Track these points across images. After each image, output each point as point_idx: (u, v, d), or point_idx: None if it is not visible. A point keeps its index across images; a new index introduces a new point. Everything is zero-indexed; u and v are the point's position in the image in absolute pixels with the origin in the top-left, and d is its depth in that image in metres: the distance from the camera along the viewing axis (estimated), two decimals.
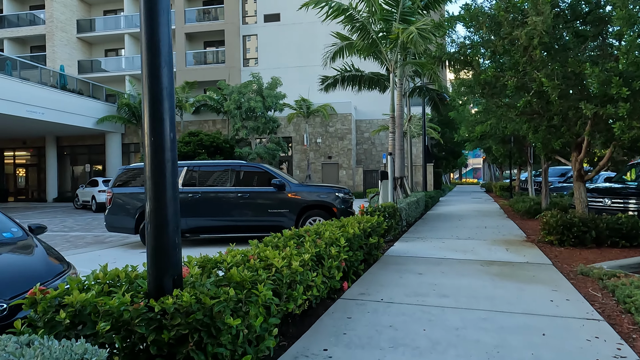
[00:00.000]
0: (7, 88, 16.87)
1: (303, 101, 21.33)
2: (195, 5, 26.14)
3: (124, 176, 8.66)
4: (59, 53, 25.19)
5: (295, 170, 23.00)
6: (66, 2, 25.81)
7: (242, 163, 8.73)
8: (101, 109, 22.34)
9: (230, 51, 25.04)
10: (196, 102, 23.03)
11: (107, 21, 26.57)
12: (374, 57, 10.41)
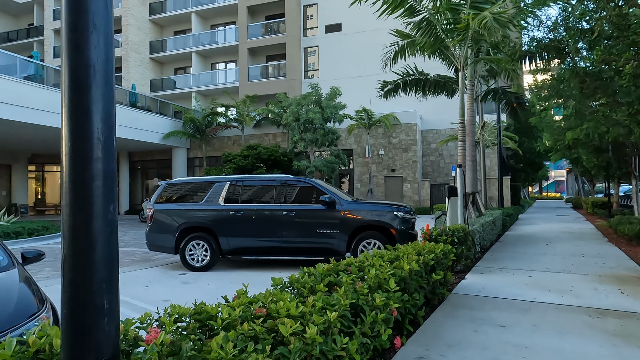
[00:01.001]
0: None
1: (364, 111, 20.30)
2: (258, 20, 26.36)
3: (165, 192, 8.16)
4: (133, 73, 26.58)
5: (356, 184, 21.92)
6: (140, 25, 27.29)
7: (287, 177, 7.86)
8: (168, 124, 23.00)
9: (291, 64, 24.80)
10: (257, 116, 22.94)
11: (176, 41, 27.68)
12: (440, 55, 9.14)
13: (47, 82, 19.41)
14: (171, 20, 28.25)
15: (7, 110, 14.78)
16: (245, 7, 25.74)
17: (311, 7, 25.62)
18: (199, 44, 26.86)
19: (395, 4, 7.21)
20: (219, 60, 27.86)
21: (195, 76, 26.93)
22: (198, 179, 8.35)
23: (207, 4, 26.80)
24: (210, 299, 5.83)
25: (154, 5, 28.14)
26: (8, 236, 12.25)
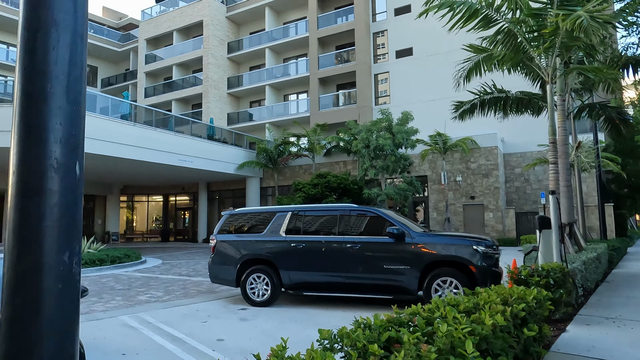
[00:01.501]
0: (164, 141, 18.94)
1: (438, 136, 19.25)
2: (329, 50, 26.74)
3: (227, 222, 8.01)
4: (212, 108, 28.17)
5: (432, 212, 20.64)
6: (219, 63, 29.06)
7: (351, 207, 7.30)
8: (242, 155, 23.77)
9: (361, 91, 24.62)
10: (327, 144, 22.86)
11: (251, 76, 28.99)
12: (522, 69, 8.17)
13: (138, 119, 21.12)
14: (247, 57, 29.73)
15: (105, 146, 16.13)
16: (316, 39, 26.29)
17: (381, 34, 25.46)
18: (272, 77, 27.82)
19: (468, 14, 6.53)
20: (291, 91, 28.57)
21: (268, 108, 27.81)
22: (260, 209, 8.12)
23: (279, 39, 27.84)
24: (265, 340, 5.37)
25: (231, 44, 29.90)
26: (93, 263, 13.01)
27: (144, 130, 18.25)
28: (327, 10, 26.83)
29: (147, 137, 18.17)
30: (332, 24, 26.06)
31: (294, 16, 28.84)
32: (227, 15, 30.01)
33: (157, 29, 31.47)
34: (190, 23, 29.63)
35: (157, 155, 18.48)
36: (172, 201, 29.85)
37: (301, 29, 27.46)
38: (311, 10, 26.69)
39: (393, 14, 25.07)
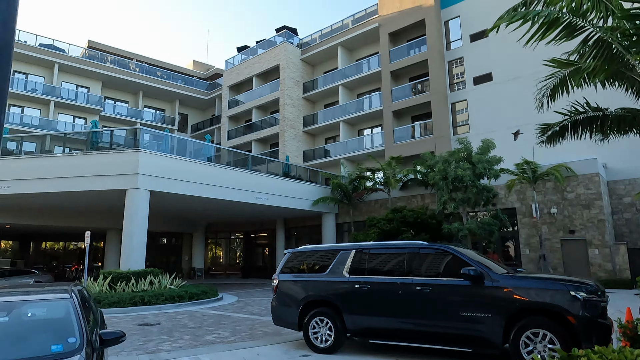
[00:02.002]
0: (242, 180, 19.64)
1: (526, 164, 17.53)
2: (402, 83, 26.36)
3: (290, 261, 7.71)
4: (289, 146, 28.97)
5: (523, 249, 18.59)
6: (295, 103, 30.08)
7: (421, 244, 6.59)
8: (317, 191, 23.82)
9: (437, 121, 23.66)
10: (403, 177, 22.07)
11: (326, 113, 29.48)
12: (619, 81, 7.02)
13: (222, 160, 22.27)
14: (321, 95, 30.44)
15: (188, 187, 17.12)
16: (389, 72, 26.13)
17: (457, 62, 24.56)
18: (346, 113, 28.00)
19: (547, 24, 5.76)
20: (365, 126, 28.45)
21: (343, 143, 27.86)
22: (323, 247, 7.71)
23: (352, 76, 28.16)
24: None
25: (306, 84, 30.89)
26: (173, 299, 13.44)
27: (223, 170, 19.10)
28: (399, 44, 26.68)
29: (226, 177, 18.97)
30: (405, 57, 25.78)
31: (365, 52, 29.13)
32: (301, 58, 31.25)
33: (238, 76, 33.72)
34: (268, 68, 31.30)
35: (235, 194, 19.15)
36: (252, 238, 30.68)
37: (373, 64, 27.56)
38: (382, 45, 26.76)
39: (469, 40, 24.14)
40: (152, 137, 18.27)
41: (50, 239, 33.61)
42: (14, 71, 30.37)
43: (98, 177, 15.87)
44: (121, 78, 34.19)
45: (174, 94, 37.05)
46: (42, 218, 21.09)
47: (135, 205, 15.64)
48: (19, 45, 30.05)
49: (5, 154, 17.11)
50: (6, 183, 16.25)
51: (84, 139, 18.37)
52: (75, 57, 32.59)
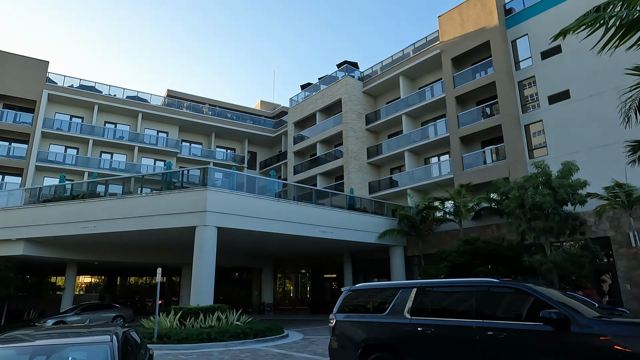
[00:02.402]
0: (306, 213, 19.66)
1: (618, 187, 15.57)
2: (468, 108, 25.27)
3: (348, 299, 7.26)
4: (353, 178, 28.74)
5: (623, 284, 16.25)
6: (358, 135, 30.04)
7: (491, 282, 5.85)
8: (383, 223, 23.13)
9: (510, 145, 22.13)
10: (475, 206, 20.71)
11: (390, 143, 29.02)
12: None
13: (288, 195, 22.59)
14: (384, 126, 30.14)
15: (256, 222, 17.49)
16: (453, 98, 25.25)
17: (527, 82, 23.11)
18: (411, 142, 27.32)
19: (625, 25, 5.04)
20: (431, 154, 27.49)
21: (409, 173, 27.05)
22: (382, 285, 7.19)
23: (415, 104, 27.62)
24: None
25: (369, 116, 30.84)
26: (238, 336, 13.41)
27: (287, 205, 19.28)
28: (463, 68, 25.82)
29: (290, 212, 19.09)
30: (470, 80, 24.81)
31: (428, 80, 28.56)
32: (363, 90, 31.41)
33: (302, 112, 34.63)
34: (330, 102, 31.81)
35: (300, 228, 19.14)
36: (320, 272, 30.35)
37: (437, 91, 26.86)
38: (446, 70, 26.07)
39: (539, 58, 22.66)
40: (221, 175, 19.03)
41: (134, 274, 35.92)
42: (105, 122, 33.90)
43: (171, 215, 16.72)
44: (195, 122, 36.70)
45: (243, 133, 38.90)
46: (124, 255, 22.60)
47: (203, 241, 16.17)
48: (110, 99, 33.56)
49: (92, 196, 18.76)
50: (93, 223, 17.70)
51: (160, 180, 19.59)
52: (156, 106, 35.66)
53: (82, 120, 33.06)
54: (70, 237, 18.73)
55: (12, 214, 19.41)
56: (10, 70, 30.27)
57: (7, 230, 19.16)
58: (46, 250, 19.97)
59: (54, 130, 31.08)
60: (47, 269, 27.15)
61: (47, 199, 20.16)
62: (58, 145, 31.73)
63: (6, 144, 30.16)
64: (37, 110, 30.51)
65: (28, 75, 30.73)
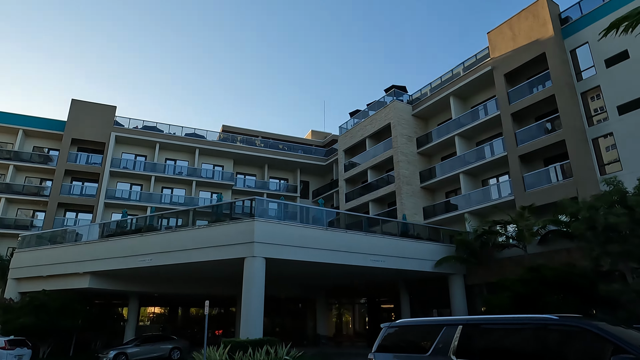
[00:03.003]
0: (355, 242, 19.12)
1: None
2: (526, 124, 23.71)
3: (388, 337, 6.65)
4: (406, 204, 27.78)
5: None
6: (409, 159, 29.22)
7: (548, 319, 5.05)
8: (439, 250, 21.92)
9: (576, 162, 20.30)
10: (540, 230, 19.02)
11: (443, 166, 27.86)
12: None
13: (341, 224, 22.23)
14: (437, 148, 29.12)
15: (304, 252, 17.25)
16: (509, 115, 23.89)
17: (591, 92, 21.34)
18: (466, 164, 26.05)
19: None
20: (489, 175, 25.97)
21: (465, 197, 25.66)
22: (424, 321, 6.53)
23: (468, 124, 26.48)
24: None
25: (420, 139, 30.00)
26: None
27: (336, 233, 18.86)
28: (517, 83, 24.47)
29: (339, 240, 18.64)
30: (526, 96, 23.39)
31: (480, 98, 27.38)
32: (412, 113, 30.76)
33: (352, 139, 34.50)
34: (379, 128, 31.41)
35: (349, 257, 18.59)
36: (376, 303, 29.21)
37: (491, 109, 25.60)
38: (499, 87, 24.85)
39: (604, 66, 20.91)
40: (269, 205, 19.11)
41: (194, 305, 36.79)
42: (166, 159, 35.90)
43: (220, 247, 16.93)
44: (249, 154, 37.82)
45: (294, 163, 39.42)
46: (180, 286, 23.19)
47: (252, 272, 16.11)
48: (170, 137, 35.61)
49: (149, 230, 19.57)
50: (149, 256, 18.36)
51: (213, 212, 20.03)
52: (212, 141, 37.29)
53: (145, 158, 35.25)
54: (129, 270, 19.54)
55: (80, 249, 20.71)
56: (83, 116, 33.22)
57: (75, 264, 20.42)
58: (109, 282, 20.96)
59: (120, 169, 33.36)
60: (114, 301, 28.53)
61: (110, 234, 21.34)
62: (124, 182, 33.94)
63: (80, 183, 32.77)
64: (106, 152, 33.00)
65: (98, 120, 33.52)
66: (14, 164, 31.44)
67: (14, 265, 22.60)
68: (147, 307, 32.12)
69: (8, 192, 30.80)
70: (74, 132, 32.64)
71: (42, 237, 23.30)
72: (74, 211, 32.17)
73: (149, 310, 33.45)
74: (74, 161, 32.48)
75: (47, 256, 21.42)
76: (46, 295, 19.98)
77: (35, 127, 32.75)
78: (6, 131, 32.47)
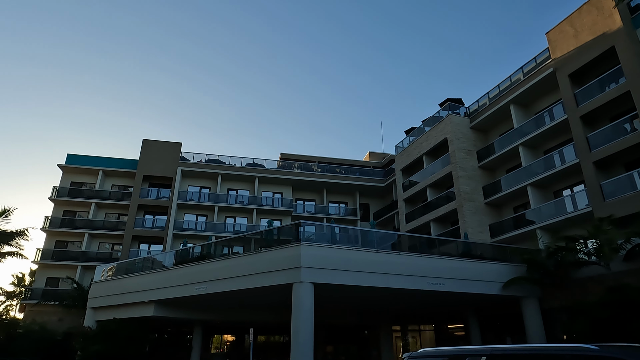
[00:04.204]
0: (410, 264, 18.03)
1: None
2: (600, 126, 21.26)
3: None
4: (469, 222, 25.98)
5: None
6: (469, 174, 27.51)
7: (584, 349, 4.10)
8: (507, 271, 19.97)
9: None
10: (624, 244, 16.62)
11: (508, 179, 25.79)
12: None
13: (402, 247, 21.31)
14: (499, 161, 27.18)
15: (353, 276, 16.55)
16: (578, 118, 21.68)
17: None
18: (532, 176, 23.90)
19: None
20: (561, 186, 23.55)
21: (535, 211, 23.41)
22: (447, 351, 5.71)
23: (532, 132, 24.44)
24: None
25: (480, 152, 28.24)
26: None
27: (388, 256, 17.97)
28: (585, 83, 22.23)
29: (392, 263, 17.70)
30: (596, 95, 21.12)
31: (543, 104, 25.27)
32: (470, 126, 29.16)
33: (408, 158, 33.43)
34: (436, 143, 30.13)
35: (403, 281, 17.54)
36: (444, 330, 27.21)
37: (557, 113, 23.44)
38: (564, 89, 22.76)
39: None
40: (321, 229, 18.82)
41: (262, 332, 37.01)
42: (228, 189, 37.32)
43: (269, 273, 16.81)
44: (307, 180, 38.13)
45: (353, 186, 39.00)
46: (240, 314, 23.38)
47: (300, 299, 15.74)
48: (232, 168, 37.09)
49: (204, 258, 20.10)
50: (204, 284, 18.77)
51: (265, 238, 20.13)
52: (271, 169, 38.21)
53: (209, 189, 36.94)
54: (188, 299, 20.10)
55: (145, 278, 21.80)
56: (152, 154, 35.84)
57: (141, 293, 21.48)
58: (172, 311, 21.70)
59: (186, 201, 35.21)
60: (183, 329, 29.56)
61: (177, 262, 22.19)
62: (190, 214, 35.72)
63: (151, 217, 35.03)
64: (173, 186, 35.11)
65: (166, 157, 35.93)
66: (95, 202, 34.51)
67: (91, 295, 24.35)
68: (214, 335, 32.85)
69: (91, 228, 33.75)
70: (145, 169, 35.23)
71: (119, 268, 24.95)
72: (147, 243, 34.33)
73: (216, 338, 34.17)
74: (146, 196, 34.92)
75: (117, 286, 22.81)
76: (116, 323, 21.14)
77: (112, 167, 35.89)
78: (89, 172, 35.94)
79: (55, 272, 32.94)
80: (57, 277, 32.68)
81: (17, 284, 35.79)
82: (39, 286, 32.39)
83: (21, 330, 26.34)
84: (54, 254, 33.03)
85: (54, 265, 32.82)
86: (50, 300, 30.08)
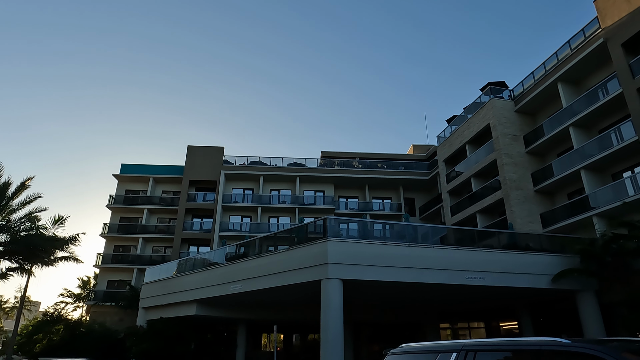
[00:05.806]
0: (445, 258, 17.12)
1: None
2: None
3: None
4: (517, 211, 24.27)
5: None
6: (516, 161, 25.72)
7: (557, 343, 3.49)
8: (557, 263, 18.39)
9: None
10: None
11: (561, 163, 23.76)
12: None
13: (448, 241, 20.43)
14: (549, 144, 25.16)
15: (383, 272, 16.04)
16: (635, 90, 19.51)
17: None
18: (586, 158, 21.84)
19: None
20: (619, 168, 21.31)
21: (591, 196, 21.37)
22: (421, 347, 5.17)
23: (583, 111, 22.35)
24: None
25: (527, 136, 26.33)
26: None
27: (420, 249, 17.15)
28: (639, 53, 19.98)
29: (425, 257, 16.88)
30: None
31: (595, 79, 23.03)
32: (515, 109, 27.27)
33: (450, 148, 31.97)
34: (478, 131, 28.54)
35: (437, 275, 16.67)
36: (495, 327, 25.62)
37: (611, 88, 21.25)
38: (617, 60, 20.60)
39: None
40: (345, 225, 18.43)
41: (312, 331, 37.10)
42: (270, 190, 37.81)
43: (299, 270, 16.68)
44: (348, 177, 37.70)
45: (396, 180, 38.01)
46: (279, 312, 23.47)
47: (328, 295, 15.46)
48: (273, 169, 37.55)
49: (245, 256, 20.37)
50: (239, 283, 19.03)
51: (294, 235, 20.02)
52: (311, 168, 38.21)
53: (252, 191, 37.65)
54: (226, 297, 20.48)
55: (186, 279, 22.55)
56: (197, 159, 37.17)
57: (184, 293, 22.24)
58: (213, 310, 22.24)
59: (231, 203, 36.13)
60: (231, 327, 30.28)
61: (231, 257, 22.66)
62: (235, 215, 36.59)
63: (198, 220, 36.32)
64: (218, 189, 36.16)
65: (210, 161, 37.11)
66: (147, 208, 36.40)
67: (142, 295, 25.64)
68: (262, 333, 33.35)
69: (144, 232, 35.63)
70: (191, 174, 36.61)
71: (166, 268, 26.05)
72: (195, 245, 35.64)
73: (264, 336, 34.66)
74: (193, 200, 36.27)
75: (163, 287, 23.81)
76: (162, 323, 22.04)
77: (161, 174, 37.68)
78: (141, 180, 37.99)
79: (115, 275, 35.15)
80: (116, 279, 34.85)
81: (83, 286, 38.62)
82: (101, 288, 34.71)
83: (84, 330, 28.28)
84: (113, 258, 35.24)
85: (113, 268, 35.03)
86: (110, 302, 32.11)
